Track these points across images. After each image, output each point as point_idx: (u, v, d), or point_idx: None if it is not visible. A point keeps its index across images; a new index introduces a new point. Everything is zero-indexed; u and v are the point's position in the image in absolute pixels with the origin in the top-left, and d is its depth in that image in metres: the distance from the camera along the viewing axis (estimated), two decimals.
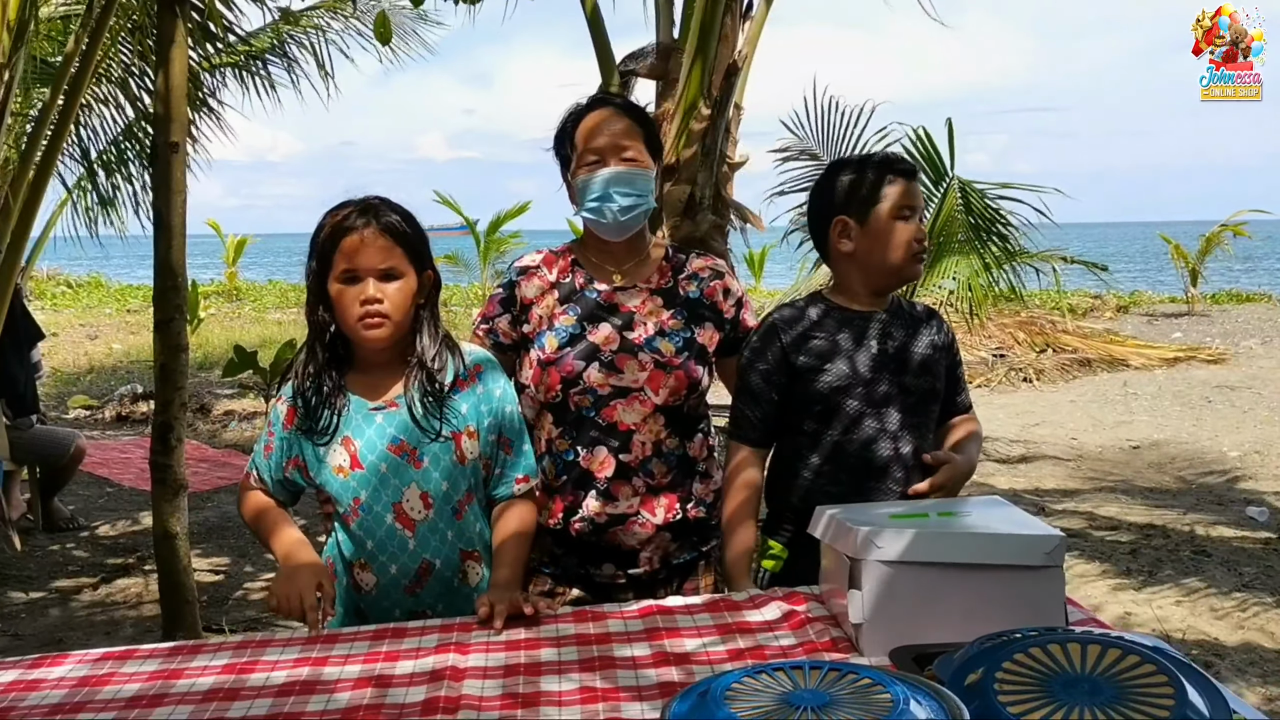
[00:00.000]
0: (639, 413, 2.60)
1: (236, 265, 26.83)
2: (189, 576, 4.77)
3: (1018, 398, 11.93)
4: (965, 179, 8.25)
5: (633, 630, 2.11)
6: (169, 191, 4.45)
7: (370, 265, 2.31)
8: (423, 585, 2.38)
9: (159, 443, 4.60)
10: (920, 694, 1.42)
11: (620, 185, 2.61)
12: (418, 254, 2.36)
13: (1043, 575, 1.82)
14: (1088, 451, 9.20)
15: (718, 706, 1.41)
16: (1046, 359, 13.62)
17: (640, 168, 2.64)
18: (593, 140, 2.64)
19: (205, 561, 6.34)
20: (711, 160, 4.33)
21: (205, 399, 11.48)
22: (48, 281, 24.84)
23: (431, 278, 2.41)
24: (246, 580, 6.08)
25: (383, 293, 2.31)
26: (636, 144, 2.65)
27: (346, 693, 1.87)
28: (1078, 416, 10.74)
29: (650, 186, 2.68)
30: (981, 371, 13.01)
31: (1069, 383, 12.76)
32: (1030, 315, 14.75)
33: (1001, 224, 8.33)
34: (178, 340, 4.54)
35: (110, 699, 1.91)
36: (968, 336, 13.53)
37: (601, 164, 2.62)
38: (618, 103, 2.76)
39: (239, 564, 6.36)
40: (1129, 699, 1.38)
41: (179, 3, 4.42)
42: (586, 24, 4.90)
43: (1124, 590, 5.55)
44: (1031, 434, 9.89)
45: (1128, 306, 19.63)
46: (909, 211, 2.56)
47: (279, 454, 2.46)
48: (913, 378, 2.58)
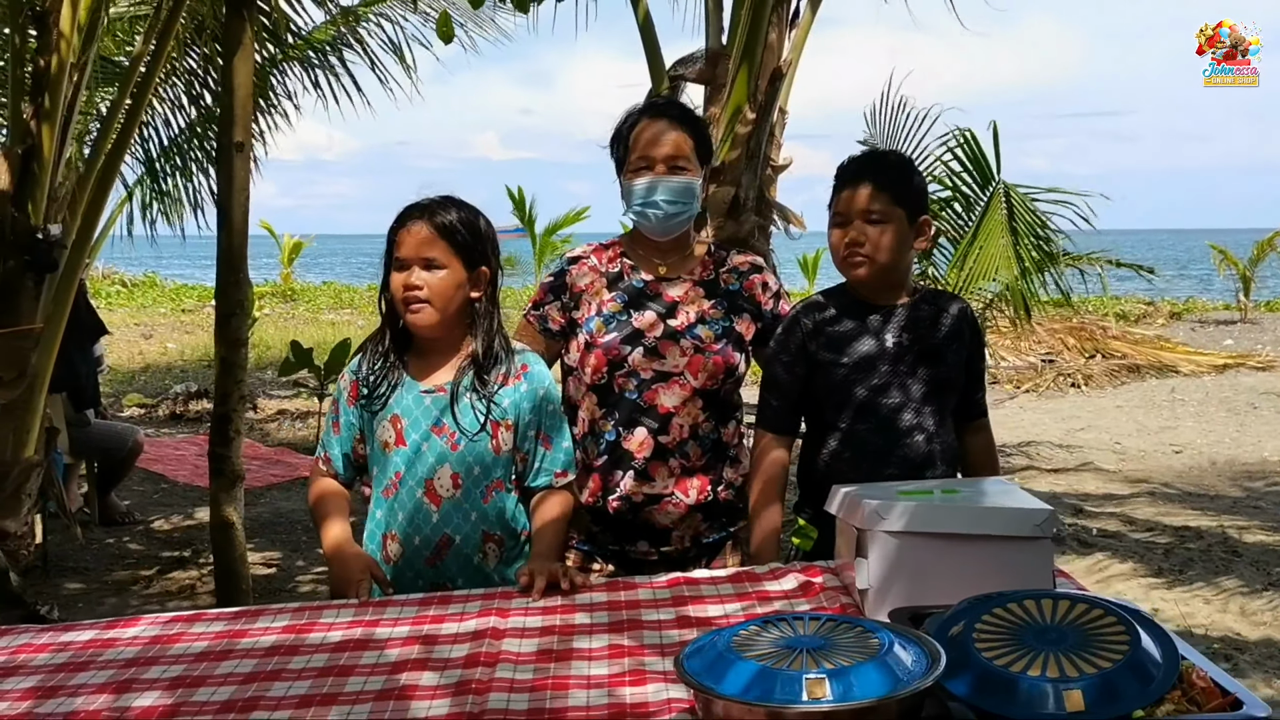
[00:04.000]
0: (679, 396, 2.76)
1: (292, 266, 27.11)
2: (244, 565, 4.93)
3: (1065, 403, 11.94)
4: (1010, 183, 8.32)
5: (660, 598, 2.28)
6: (232, 190, 4.63)
7: (413, 254, 2.51)
8: (442, 558, 2.55)
9: (218, 434, 4.77)
10: (905, 640, 1.58)
11: (666, 194, 2.78)
12: (467, 249, 2.53)
13: (1033, 545, 1.98)
14: (1131, 455, 9.24)
15: (726, 649, 1.58)
16: (1095, 364, 13.59)
17: (687, 176, 2.80)
18: (644, 147, 2.80)
19: (258, 555, 6.53)
20: (756, 163, 4.48)
21: (259, 398, 11.69)
22: (103, 280, 25.07)
23: (487, 274, 2.58)
24: (298, 574, 6.25)
25: (424, 280, 2.50)
26: (685, 153, 2.80)
27: (396, 649, 2.06)
28: (1123, 421, 10.75)
29: (696, 193, 2.83)
30: (1030, 376, 13.03)
31: (1117, 388, 12.73)
32: (1081, 321, 14.77)
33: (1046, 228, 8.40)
34: (238, 334, 4.73)
35: (180, 654, 2.11)
36: (1017, 341, 13.58)
37: (650, 170, 2.79)
38: (673, 113, 2.89)
39: (291, 558, 6.55)
40: (1090, 645, 1.54)
41: (246, 6, 4.59)
42: (638, 30, 5.05)
43: (1155, 589, 5.64)
44: (1076, 438, 9.94)
45: (1180, 313, 19.52)
46: (840, 217, 2.72)
47: (346, 429, 2.66)
48: (928, 368, 2.72)
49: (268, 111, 9.57)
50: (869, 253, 2.68)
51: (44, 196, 4.64)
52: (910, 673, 1.50)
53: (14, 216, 4.53)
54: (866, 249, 2.68)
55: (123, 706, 1.86)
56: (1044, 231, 8.36)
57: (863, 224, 2.68)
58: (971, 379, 2.84)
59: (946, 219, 8.61)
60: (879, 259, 2.69)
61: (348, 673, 1.96)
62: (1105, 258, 9.11)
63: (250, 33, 4.63)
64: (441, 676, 1.91)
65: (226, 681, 1.94)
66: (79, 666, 2.07)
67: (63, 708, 1.87)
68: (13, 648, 2.21)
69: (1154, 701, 1.48)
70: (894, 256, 2.71)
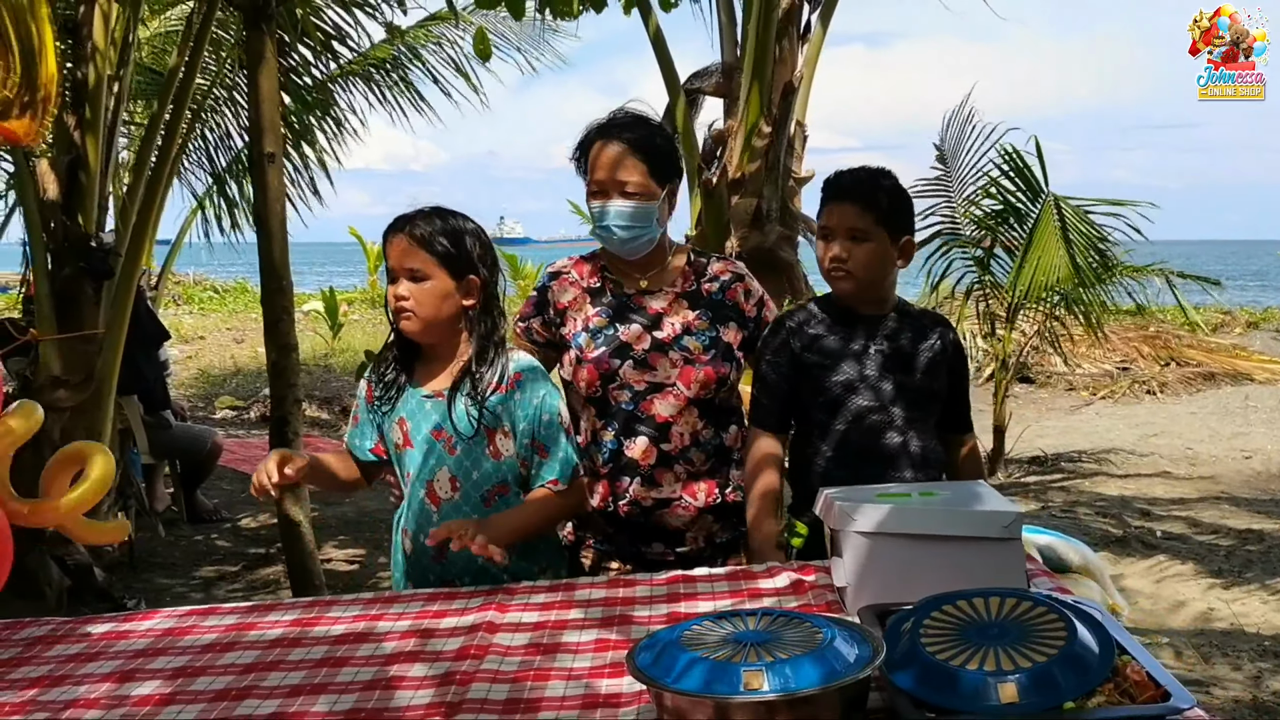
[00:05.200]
0: (674, 406, 2.82)
1: (378, 273, 27.46)
2: (314, 561, 5.10)
3: (1140, 410, 11.88)
4: (1060, 195, 8.36)
5: (656, 595, 2.35)
6: (268, 199, 4.77)
7: (397, 266, 2.60)
8: (444, 556, 2.61)
9: (278, 437, 4.94)
10: (850, 635, 1.64)
11: (619, 220, 2.82)
12: (451, 259, 2.59)
13: (1003, 546, 2.01)
14: (1202, 461, 9.18)
15: (674, 643, 1.64)
16: (1170, 372, 13.45)
17: (640, 201, 2.81)
18: (597, 171, 2.84)
19: (342, 553, 6.76)
20: (776, 174, 4.54)
21: (346, 401, 11.80)
22: (195, 287, 25.66)
23: (477, 282, 2.63)
24: (380, 570, 6.39)
25: (409, 291, 2.58)
26: (638, 175, 2.81)
27: (393, 642, 2.15)
28: (1196, 428, 10.66)
29: (651, 214, 2.84)
30: (1106, 384, 13.04)
31: (1192, 395, 12.64)
32: (1158, 330, 14.62)
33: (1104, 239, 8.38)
34: (286, 339, 4.88)
35: (189, 646, 2.23)
36: (1091, 349, 13.44)
37: (604, 195, 2.83)
38: (626, 135, 2.85)
39: (374, 555, 6.71)
40: (1029, 639, 1.59)
41: (265, 20, 4.72)
42: (650, 44, 5.11)
43: (1212, 589, 5.67)
44: (1149, 444, 9.88)
45: (1258, 322, 19.16)
46: (826, 231, 2.78)
47: (364, 425, 2.79)
48: (912, 378, 2.78)
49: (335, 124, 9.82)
50: (851, 268, 2.75)
51: (94, 205, 4.82)
52: (849, 665, 1.56)
53: (66, 224, 4.70)
54: (850, 264, 2.75)
55: (122, 695, 1.97)
56: (1102, 244, 8.35)
57: (846, 240, 2.75)
58: (955, 395, 2.90)
59: (1002, 232, 8.64)
60: (860, 275, 2.76)
61: (343, 664, 2.05)
62: (1167, 269, 9.00)
63: (272, 46, 4.75)
64: (431, 668, 1.99)
65: (226, 672, 2.05)
66: (89, 658, 2.20)
67: (66, 695, 2.00)
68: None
69: (1086, 693, 1.51)
70: (875, 273, 2.78)
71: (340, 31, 8.50)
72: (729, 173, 4.80)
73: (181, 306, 22.17)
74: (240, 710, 1.87)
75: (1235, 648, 4.87)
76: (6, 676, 2.11)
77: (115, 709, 1.91)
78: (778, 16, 4.80)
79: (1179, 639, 4.98)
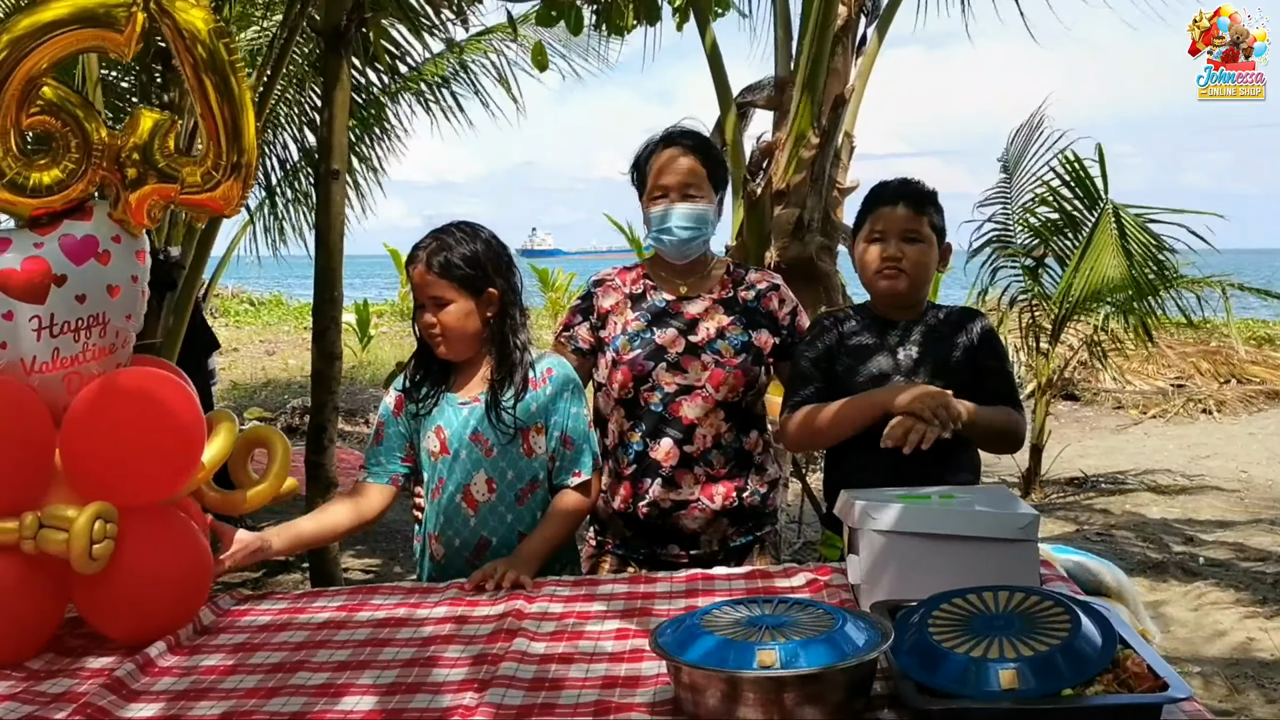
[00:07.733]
0: (701, 408, 2.92)
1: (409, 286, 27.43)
2: (337, 568, 5.26)
3: (1193, 429, 11.52)
4: (1119, 203, 8.22)
5: (675, 591, 2.47)
6: (329, 214, 4.95)
7: (423, 296, 2.76)
8: (480, 558, 2.73)
9: (313, 443, 5.07)
10: (860, 621, 1.73)
11: (680, 220, 2.96)
12: (469, 280, 2.74)
13: (1017, 548, 2.09)
14: (1255, 484, 8.91)
15: (694, 625, 1.74)
16: (1230, 390, 13.03)
17: (701, 204, 2.97)
18: (661, 177, 2.98)
19: (359, 562, 6.84)
20: (820, 185, 4.62)
21: (372, 414, 11.85)
22: (231, 299, 26.03)
23: (494, 295, 2.77)
24: (396, 581, 6.44)
25: (437, 318, 2.74)
26: (699, 181, 2.97)
27: (431, 626, 2.30)
28: (1253, 449, 10.36)
29: (709, 218, 3.01)
30: (1158, 402, 12.60)
31: (1252, 415, 12.18)
32: (1219, 344, 14.21)
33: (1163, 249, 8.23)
34: (332, 349, 5.03)
35: (246, 625, 2.40)
36: (1144, 365, 13.20)
37: (666, 199, 2.97)
38: (686, 142, 3.04)
39: (389, 565, 6.80)
40: (1033, 629, 1.66)
41: (343, 45, 4.90)
42: (706, 59, 5.20)
43: (1253, 618, 5.53)
44: (1200, 466, 9.60)
45: None
46: (879, 235, 2.85)
47: (390, 439, 2.88)
48: (942, 380, 2.82)
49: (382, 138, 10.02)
50: (905, 267, 2.82)
51: (166, 221, 4.97)
52: (857, 648, 1.64)
53: None
54: (904, 264, 2.83)
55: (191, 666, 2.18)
56: (1161, 254, 8.20)
57: (900, 241, 2.83)
58: (995, 376, 2.89)
59: (1055, 241, 8.53)
60: (913, 274, 2.84)
61: (385, 645, 2.20)
62: (1224, 280, 8.83)
63: (347, 69, 4.93)
64: (465, 650, 2.14)
65: (280, 649, 2.23)
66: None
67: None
68: None
69: (1084, 682, 1.59)
70: (925, 273, 2.87)
71: (402, 50, 8.64)
72: (773, 184, 4.89)
73: (218, 319, 22.46)
74: (294, 680, 2.04)
75: (1272, 679, 4.78)
76: None
77: (185, 677, 2.10)
78: (834, 30, 4.88)
79: (1211, 668, 4.89)
